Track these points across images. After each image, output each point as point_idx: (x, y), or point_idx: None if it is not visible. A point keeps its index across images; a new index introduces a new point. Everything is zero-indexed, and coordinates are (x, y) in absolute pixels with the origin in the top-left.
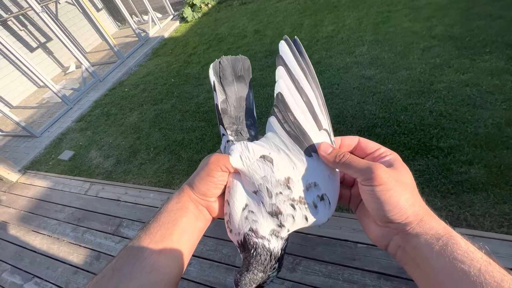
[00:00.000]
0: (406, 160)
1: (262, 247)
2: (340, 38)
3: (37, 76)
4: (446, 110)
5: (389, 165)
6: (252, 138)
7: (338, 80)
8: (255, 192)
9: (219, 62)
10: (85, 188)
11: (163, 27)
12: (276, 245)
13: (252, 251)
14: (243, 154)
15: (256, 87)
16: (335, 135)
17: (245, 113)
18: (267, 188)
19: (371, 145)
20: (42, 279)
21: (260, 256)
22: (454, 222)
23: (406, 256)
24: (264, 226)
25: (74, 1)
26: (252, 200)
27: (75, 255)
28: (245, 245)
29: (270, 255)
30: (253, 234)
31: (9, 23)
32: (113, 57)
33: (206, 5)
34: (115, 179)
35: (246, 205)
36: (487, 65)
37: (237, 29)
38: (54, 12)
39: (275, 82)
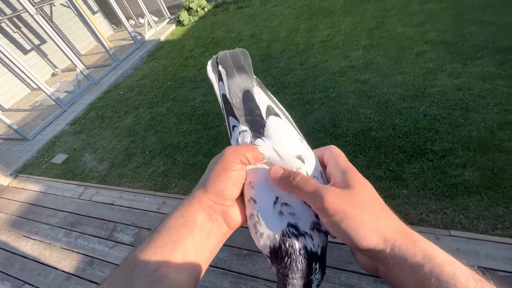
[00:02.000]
0: (401, 163)
1: (299, 251)
2: (335, 43)
3: (30, 79)
4: (440, 114)
5: (343, 184)
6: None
7: (333, 84)
8: None
9: (217, 57)
10: (79, 192)
11: (159, 30)
12: (318, 242)
13: (287, 259)
14: (276, 145)
15: None
16: (331, 138)
17: (252, 104)
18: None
19: (326, 158)
20: (33, 286)
21: (297, 263)
22: (449, 224)
23: (391, 283)
24: (304, 219)
25: (69, 4)
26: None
27: (68, 260)
28: (279, 252)
29: (310, 256)
30: (293, 232)
31: (3, 25)
32: (109, 60)
33: (203, 9)
34: (109, 183)
35: (277, 198)
36: (478, 70)
37: (233, 33)
38: (49, 14)
39: (271, 85)
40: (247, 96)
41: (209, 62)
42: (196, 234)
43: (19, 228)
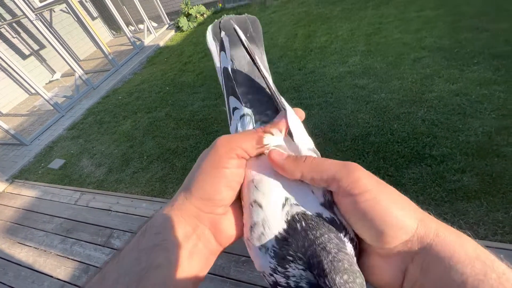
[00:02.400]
0: (400, 168)
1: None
2: (333, 48)
3: (28, 84)
4: (438, 119)
5: None
6: (272, 113)
7: (332, 89)
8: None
9: (220, 22)
10: (75, 197)
11: (158, 36)
12: (350, 250)
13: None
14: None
15: None
16: (330, 143)
17: (260, 83)
18: None
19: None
20: None
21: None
22: None
23: None
24: None
25: (69, 10)
26: (296, 189)
27: (63, 268)
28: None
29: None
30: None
31: (2, 30)
32: (108, 65)
33: (202, 15)
34: (106, 188)
35: (287, 199)
36: (475, 75)
37: None
38: (49, 20)
39: None
40: (254, 71)
41: (210, 28)
42: (173, 258)
43: (14, 235)
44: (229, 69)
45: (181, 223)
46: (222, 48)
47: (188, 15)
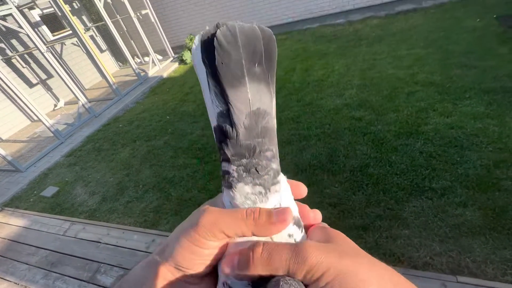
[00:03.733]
0: (400, 201)
1: None
2: (330, 82)
3: (32, 111)
4: (436, 151)
5: (325, 237)
6: (274, 175)
7: (329, 121)
8: None
9: (216, 31)
10: (65, 228)
11: (162, 67)
12: None
13: None
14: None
15: None
16: (328, 174)
17: (264, 138)
18: None
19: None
20: None
21: None
22: (455, 269)
23: None
24: None
25: (79, 43)
26: None
27: None
28: None
29: None
30: None
31: (13, 60)
32: (111, 94)
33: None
34: (98, 218)
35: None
36: (468, 109)
37: None
38: (59, 52)
39: None
40: (261, 125)
41: (199, 39)
42: None
43: None
44: (223, 118)
45: (155, 282)
46: (215, 80)
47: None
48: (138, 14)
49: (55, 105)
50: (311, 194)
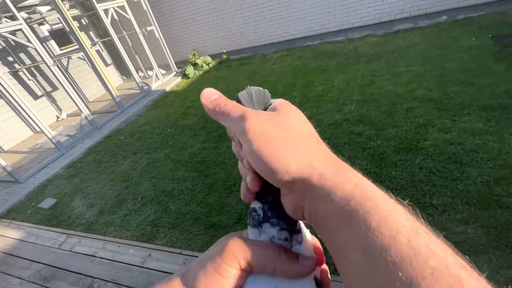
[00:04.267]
0: None
1: None
2: (329, 97)
3: (35, 122)
4: (435, 167)
5: (272, 109)
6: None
7: (329, 135)
8: None
9: (239, 95)
10: (60, 241)
11: (165, 81)
12: None
13: None
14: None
15: None
16: None
17: None
18: None
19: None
20: None
21: None
22: None
23: (316, 224)
24: None
25: (85, 58)
26: None
27: None
28: None
29: None
30: None
31: (20, 73)
32: (114, 107)
33: (207, 64)
34: (95, 231)
35: None
36: (467, 125)
37: (234, 85)
38: (65, 66)
39: None
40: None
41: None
42: None
43: None
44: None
45: None
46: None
47: (194, 64)
48: (144, 30)
49: (58, 117)
50: None
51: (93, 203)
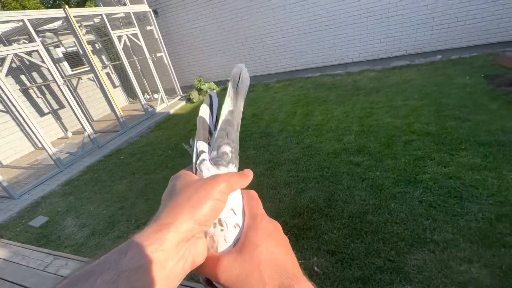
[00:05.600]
0: (401, 253)
1: None
2: (329, 127)
3: (38, 139)
4: (435, 201)
5: (240, 245)
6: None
7: (328, 164)
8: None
9: (241, 72)
10: (46, 262)
11: (170, 104)
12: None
13: None
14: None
15: (249, 165)
16: (326, 219)
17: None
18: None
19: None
20: None
21: None
22: None
23: None
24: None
25: (94, 79)
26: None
27: None
28: None
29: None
30: None
31: (30, 91)
32: (118, 127)
33: (212, 90)
34: (83, 253)
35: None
36: (465, 160)
37: None
38: (74, 85)
39: (268, 161)
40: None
41: (240, 67)
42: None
43: None
44: (226, 113)
45: (172, 239)
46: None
47: (199, 90)
48: (153, 56)
49: (66, 133)
50: (308, 239)
51: (85, 223)
